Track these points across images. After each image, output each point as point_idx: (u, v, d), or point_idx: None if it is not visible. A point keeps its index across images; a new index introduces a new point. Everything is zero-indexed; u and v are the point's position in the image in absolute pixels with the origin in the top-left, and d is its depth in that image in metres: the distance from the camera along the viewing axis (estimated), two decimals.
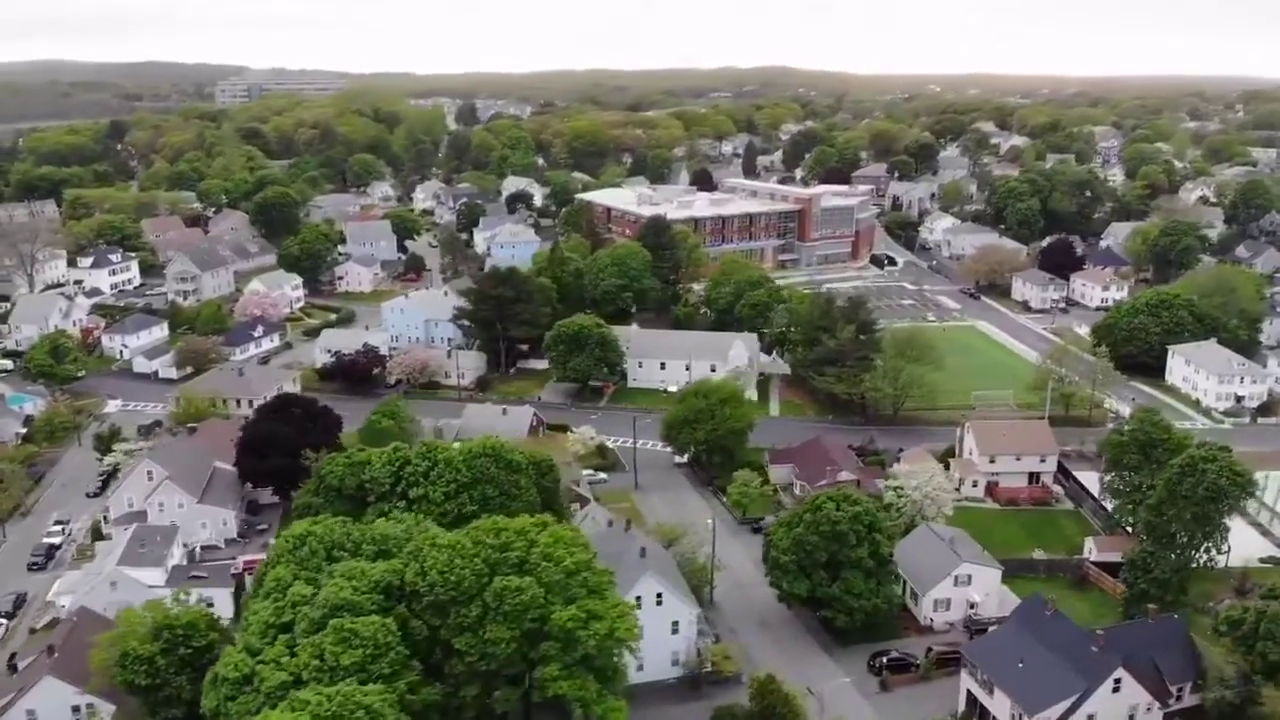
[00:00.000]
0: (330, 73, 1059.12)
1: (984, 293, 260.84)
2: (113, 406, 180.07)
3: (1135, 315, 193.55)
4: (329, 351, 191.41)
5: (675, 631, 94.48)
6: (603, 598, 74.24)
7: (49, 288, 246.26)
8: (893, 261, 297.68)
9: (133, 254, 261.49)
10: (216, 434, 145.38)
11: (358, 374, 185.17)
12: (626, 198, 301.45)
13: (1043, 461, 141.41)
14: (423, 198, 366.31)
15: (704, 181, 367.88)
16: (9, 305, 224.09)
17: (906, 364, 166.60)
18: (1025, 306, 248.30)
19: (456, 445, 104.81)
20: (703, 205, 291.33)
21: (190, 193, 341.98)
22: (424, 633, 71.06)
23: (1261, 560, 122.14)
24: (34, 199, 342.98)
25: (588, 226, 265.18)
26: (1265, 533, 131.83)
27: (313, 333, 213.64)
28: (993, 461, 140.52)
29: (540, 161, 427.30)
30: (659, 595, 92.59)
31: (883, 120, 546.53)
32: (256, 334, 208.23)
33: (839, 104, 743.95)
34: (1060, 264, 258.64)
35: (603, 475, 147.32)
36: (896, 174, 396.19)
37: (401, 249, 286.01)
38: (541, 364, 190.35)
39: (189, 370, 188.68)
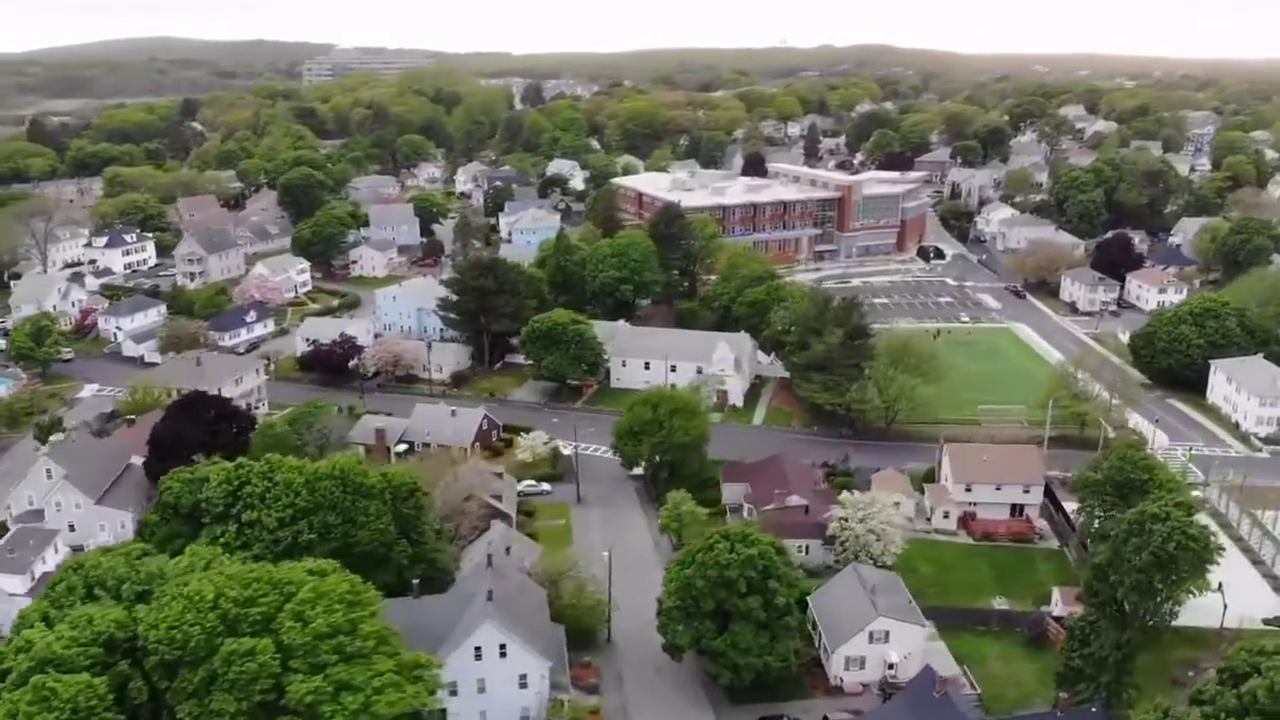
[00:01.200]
0: (423, 52, 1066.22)
1: (1031, 291, 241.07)
2: (88, 391, 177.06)
3: (1178, 324, 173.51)
4: (308, 340, 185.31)
5: (524, 686, 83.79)
6: (367, 665, 63.85)
7: (66, 266, 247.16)
8: (940, 254, 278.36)
9: (149, 234, 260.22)
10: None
11: (334, 364, 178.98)
12: (660, 183, 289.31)
13: (1026, 492, 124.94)
14: (463, 180, 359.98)
15: (757, 165, 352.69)
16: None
17: (900, 374, 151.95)
18: (1072, 308, 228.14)
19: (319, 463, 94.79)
20: (737, 192, 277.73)
21: (230, 172, 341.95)
22: (144, 696, 61.99)
23: (1265, 621, 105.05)
24: (85, 176, 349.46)
25: (604, 213, 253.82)
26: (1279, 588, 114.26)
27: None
28: (969, 490, 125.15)
29: (594, 143, 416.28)
30: (503, 646, 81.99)
31: (959, 102, 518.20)
32: (249, 319, 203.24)
33: (925, 84, 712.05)
34: (1116, 261, 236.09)
35: (545, 486, 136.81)
36: (959, 160, 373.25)
37: (429, 232, 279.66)
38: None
39: (171, 355, 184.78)
